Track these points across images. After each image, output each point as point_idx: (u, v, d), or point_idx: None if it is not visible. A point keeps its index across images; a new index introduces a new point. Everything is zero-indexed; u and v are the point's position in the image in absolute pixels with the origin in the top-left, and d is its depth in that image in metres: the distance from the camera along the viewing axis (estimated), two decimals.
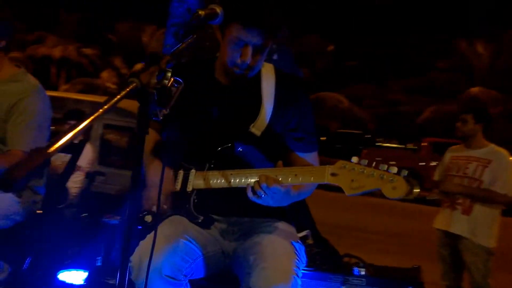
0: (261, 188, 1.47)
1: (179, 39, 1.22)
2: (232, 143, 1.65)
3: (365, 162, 1.32)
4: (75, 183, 4.58)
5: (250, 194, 1.52)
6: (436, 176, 3.65)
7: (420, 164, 12.11)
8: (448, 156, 3.58)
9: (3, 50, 2.10)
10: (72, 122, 4.66)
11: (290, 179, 1.47)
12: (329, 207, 6.02)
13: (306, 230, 2.81)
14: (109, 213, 3.17)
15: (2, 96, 2.04)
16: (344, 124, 23.15)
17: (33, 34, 26.31)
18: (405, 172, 1.24)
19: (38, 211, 2.20)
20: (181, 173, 1.73)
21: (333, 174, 1.37)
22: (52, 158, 4.01)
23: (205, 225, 1.70)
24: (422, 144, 13.79)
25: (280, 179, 1.47)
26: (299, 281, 1.55)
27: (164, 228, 1.63)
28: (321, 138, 17.45)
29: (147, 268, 1.30)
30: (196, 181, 1.68)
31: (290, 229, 1.78)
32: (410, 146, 17.59)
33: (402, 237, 6.83)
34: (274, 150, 1.73)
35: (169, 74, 1.07)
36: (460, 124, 3.41)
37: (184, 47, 1.22)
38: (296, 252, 1.65)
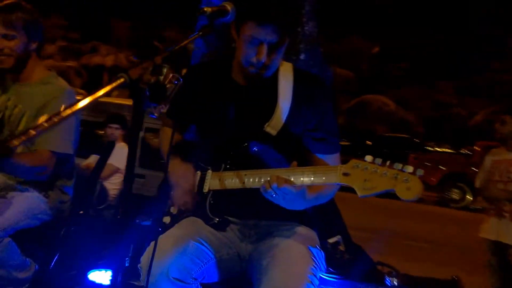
0: (271, 188, 1.41)
1: (207, 41, 1.20)
2: (248, 143, 1.61)
3: (379, 161, 1.22)
4: (114, 184, 4.68)
5: (262, 194, 1.47)
6: (477, 183, 3.44)
7: (472, 169, 11.49)
8: (488, 160, 3.38)
9: (36, 52, 2.16)
10: (114, 125, 4.81)
11: (302, 179, 1.40)
12: (361, 211, 5.78)
13: (337, 235, 2.72)
14: (144, 215, 3.21)
15: (32, 98, 2.10)
16: (391, 127, 22.39)
17: (88, 44, 27.64)
18: (420, 172, 1.14)
19: (67, 212, 2.24)
20: (198, 173, 1.72)
21: (345, 174, 1.29)
22: (90, 161, 4.15)
23: (221, 227, 1.66)
24: (475, 148, 13.09)
25: (292, 179, 1.41)
26: None
27: (174, 230, 1.61)
28: (367, 143, 17.04)
29: (149, 271, 1.27)
30: (212, 181, 1.66)
31: (310, 234, 1.71)
32: (464, 151, 16.73)
33: (439, 245, 6.45)
34: (292, 150, 1.67)
35: (165, 70, 1.04)
36: (498, 125, 3.21)
37: (187, 44, 1.19)
38: (313, 258, 1.57)
